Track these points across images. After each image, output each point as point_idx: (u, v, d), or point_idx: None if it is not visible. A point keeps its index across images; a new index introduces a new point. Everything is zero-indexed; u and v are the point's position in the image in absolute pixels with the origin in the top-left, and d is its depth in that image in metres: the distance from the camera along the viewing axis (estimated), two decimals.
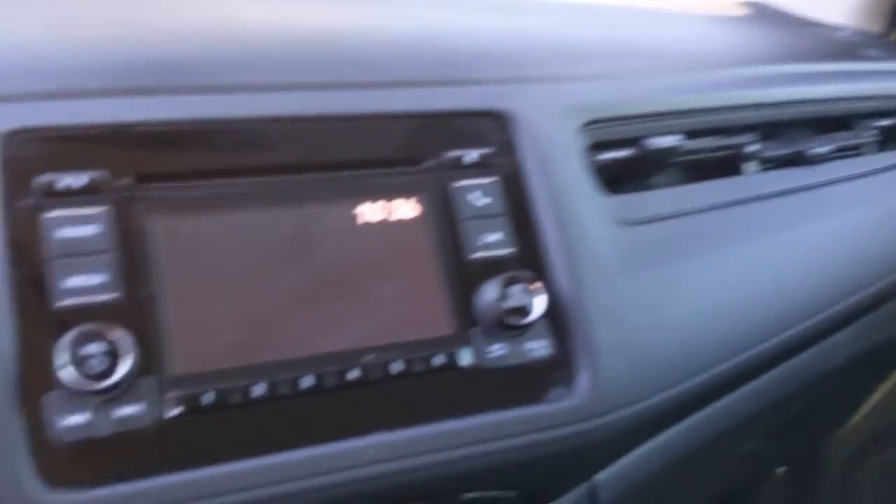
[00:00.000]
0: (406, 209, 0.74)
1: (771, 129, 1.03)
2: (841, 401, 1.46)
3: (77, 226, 0.64)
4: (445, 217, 0.74)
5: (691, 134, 0.94)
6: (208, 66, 0.73)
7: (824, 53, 1.17)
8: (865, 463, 1.61)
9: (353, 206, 0.72)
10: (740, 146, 0.99)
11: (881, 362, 1.33)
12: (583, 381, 0.74)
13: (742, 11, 1.33)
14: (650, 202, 0.87)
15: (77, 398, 0.61)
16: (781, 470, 1.72)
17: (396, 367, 0.69)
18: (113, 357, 0.60)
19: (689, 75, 0.98)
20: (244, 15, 0.86)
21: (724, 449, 1.10)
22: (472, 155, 0.76)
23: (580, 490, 0.86)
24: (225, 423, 0.64)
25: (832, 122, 1.08)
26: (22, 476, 0.58)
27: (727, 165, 1.00)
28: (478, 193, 0.76)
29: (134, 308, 0.64)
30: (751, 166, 1.00)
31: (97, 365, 0.60)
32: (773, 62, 1.09)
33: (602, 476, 0.87)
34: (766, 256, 0.92)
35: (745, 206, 0.93)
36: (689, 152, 0.93)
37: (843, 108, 1.08)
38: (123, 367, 0.60)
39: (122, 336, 0.61)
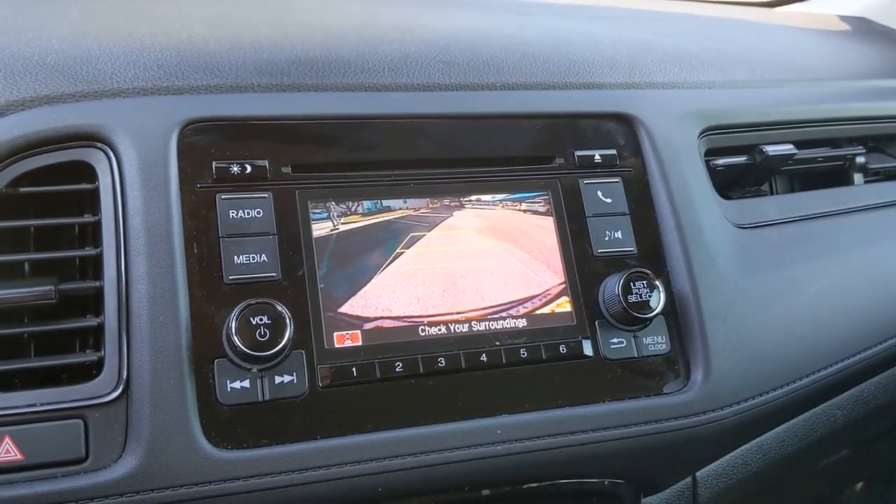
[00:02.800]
0: (538, 204, 0.78)
1: (877, 142, 1.05)
2: None
3: (245, 209, 0.70)
4: (574, 213, 0.78)
5: (802, 144, 0.96)
6: (358, 67, 0.79)
7: None
8: None
9: (489, 200, 0.77)
10: (848, 157, 1.01)
11: None
12: (697, 377, 0.78)
13: (845, 27, 1.34)
14: (765, 207, 0.90)
15: (240, 366, 0.66)
16: (859, 485, 1.72)
17: (523, 352, 0.74)
18: (274, 329, 0.66)
19: (801, 87, 1.01)
20: (381, 19, 0.91)
21: (816, 456, 1.12)
22: (600, 154, 0.80)
23: (682, 485, 0.89)
24: (368, 395, 0.70)
25: None
26: (190, 434, 0.64)
27: (833, 175, 1.02)
28: (605, 191, 0.80)
29: (290, 286, 0.69)
30: (857, 177, 1.02)
31: (262, 336, 0.65)
32: (881, 76, 1.10)
33: (703, 472, 0.90)
34: (872, 264, 0.94)
35: (853, 214, 0.96)
36: (801, 161, 0.96)
37: None
38: (283, 339, 0.66)
39: (282, 311, 0.66)
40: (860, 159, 1.01)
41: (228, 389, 0.66)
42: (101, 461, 0.63)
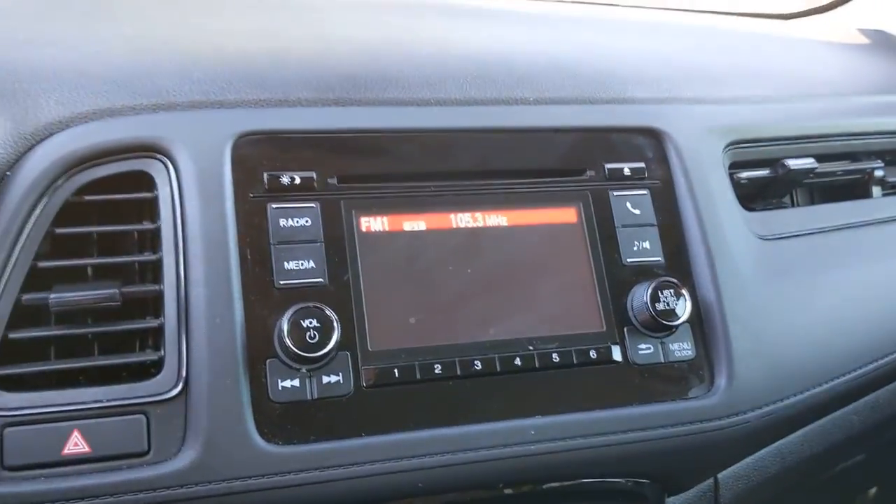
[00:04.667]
0: (570, 214, 0.82)
1: (894, 156, 1.08)
2: None
3: (294, 217, 0.74)
4: (604, 223, 0.82)
5: (822, 157, 1.00)
6: (398, 82, 0.83)
7: None
8: None
9: (523, 210, 0.81)
10: (867, 171, 1.04)
11: None
12: (721, 382, 0.81)
13: (865, 39, 1.36)
14: (786, 219, 0.94)
15: (290, 366, 0.71)
16: (873, 491, 1.74)
17: (555, 357, 0.77)
18: (323, 332, 0.70)
19: (822, 101, 1.04)
20: (419, 33, 0.95)
21: (834, 460, 1.15)
22: (630, 167, 0.84)
23: (704, 486, 0.92)
24: (409, 396, 0.73)
25: None
26: (245, 430, 0.68)
27: (853, 188, 1.05)
28: (634, 203, 0.84)
29: (337, 291, 0.74)
30: (876, 191, 1.05)
31: (311, 338, 0.69)
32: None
33: (724, 474, 0.93)
34: (889, 275, 0.97)
35: (873, 227, 0.99)
36: (821, 175, 0.99)
37: None
38: (331, 342, 0.70)
39: (330, 315, 0.70)
40: (879, 173, 1.04)
41: (280, 388, 0.70)
42: (162, 454, 0.67)
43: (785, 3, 1.58)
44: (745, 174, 0.94)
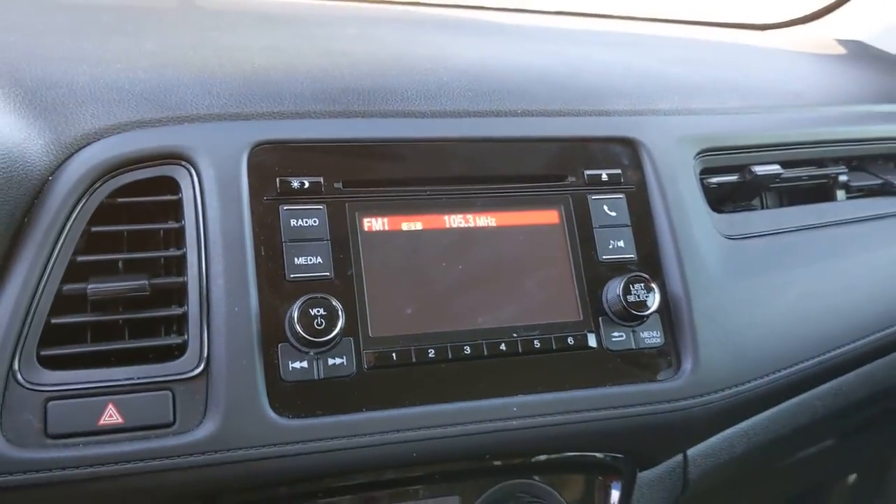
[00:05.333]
0: (552, 216, 0.91)
1: (860, 162, 1.17)
2: None
3: (303, 218, 0.83)
4: (583, 224, 0.91)
5: (789, 164, 1.08)
6: (398, 95, 0.91)
7: None
8: None
9: (510, 212, 0.90)
10: (832, 176, 1.13)
11: None
12: (687, 366, 0.90)
13: (841, 50, 1.45)
14: (752, 220, 1.03)
15: (300, 350, 0.79)
16: (853, 478, 1.82)
17: (536, 343, 0.86)
18: (329, 320, 0.78)
19: (790, 112, 1.13)
20: (417, 48, 1.04)
21: (801, 443, 1.24)
22: (607, 173, 0.93)
23: (674, 462, 1.01)
24: (405, 377, 0.82)
25: None
26: (259, 405, 0.77)
27: (818, 192, 1.14)
28: (610, 206, 0.92)
29: (341, 284, 0.82)
30: (840, 194, 1.14)
31: (318, 325, 0.78)
32: (866, 101, 1.22)
33: (693, 451, 1.02)
34: (850, 272, 1.06)
35: (834, 228, 1.08)
36: (787, 180, 1.08)
37: None
38: (336, 328, 0.78)
39: (336, 304, 0.79)
40: (843, 178, 1.13)
41: (290, 369, 0.79)
42: (185, 426, 0.76)
43: (769, 11, 1.66)
44: (714, 179, 1.03)
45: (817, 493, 1.83)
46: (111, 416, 0.75)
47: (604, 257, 0.91)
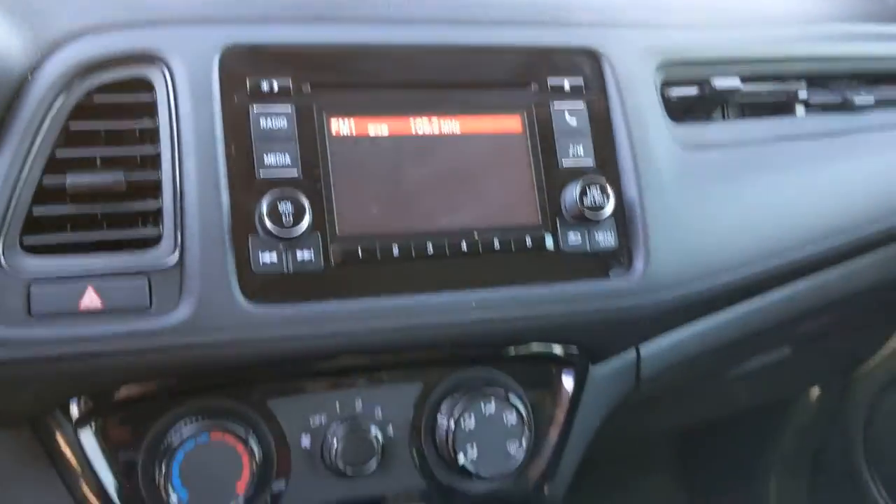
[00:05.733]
0: (515, 122, 0.94)
1: (821, 79, 1.20)
2: (869, 330, 1.63)
3: (272, 118, 0.87)
4: (545, 131, 0.95)
5: (750, 79, 1.11)
6: (369, 2, 0.94)
7: (873, 15, 1.31)
8: (888, 397, 1.77)
9: (474, 116, 0.93)
10: (792, 92, 1.16)
11: None
12: (639, 266, 0.95)
13: None
14: (710, 132, 1.07)
15: (270, 243, 0.84)
16: (816, 392, 1.90)
17: (496, 243, 0.91)
18: (296, 215, 0.83)
19: (754, 29, 1.15)
20: None
21: (753, 348, 1.30)
22: (570, 82, 0.96)
23: (627, 357, 1.07)
24: (371, 271, 0.87)
25: (879, 76, 1.23)
26: (230, 293, 0.82)
27: (779, 108, 1.18)
28: (571, 114, 0.96)
29: (309, 183, 0.86)
30: (800, 110, 1.17)
31: (287, 219, 0.83)
32: (830, 20, 1.25)
33: (646, 350, 1.08)
34: (802, 186, 1.10)
35: (791, 142, 1.12)
36: (747, 94, 1.11)
37: (889, 65, 1.23)
38: (304, 223, 0.83)
39: (303, 200, 0.83)
40: (802, 94, 1.16)
41: (261, 262, 0.83)
42: (161, 310, 0.81)
43: None
44: (675, 92, 1.06)
45: (781, 407, 1.92)
46: (91, 300, 0.79)
47: (564, 163, 0.95)
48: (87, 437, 0.85)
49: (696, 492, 2.10)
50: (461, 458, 0.93)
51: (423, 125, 0.92)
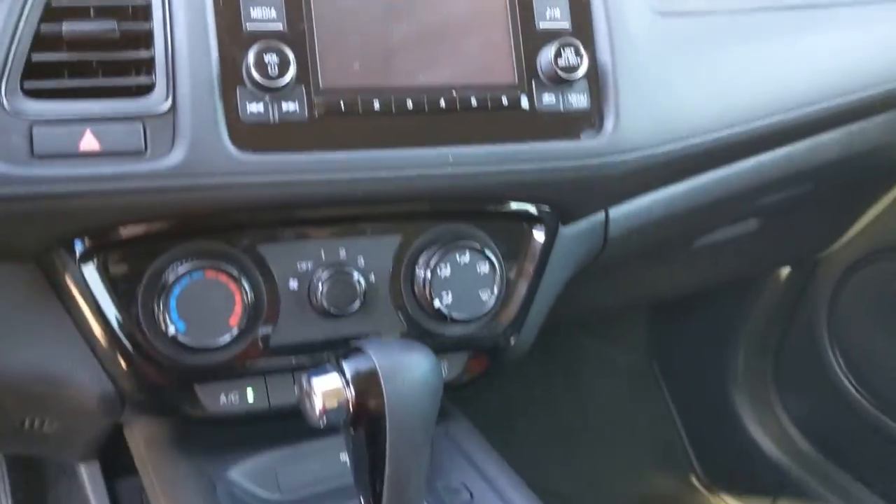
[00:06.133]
0: None
1: None
2: (835, 213, 1.70)
3: None
4: None
5: None
6: None
7: None
8: (852, 277, 1.85)
9: None
10: None
11: (871, 175, 1.55)
12: (608, 127, 1.00)
13: None
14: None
15: (256, 94, 0.88)
16: (786, 271, 1.99)
17: (473, 101, 0.95)
18: (282, 67, 0.87)
19: None
20: None
21: (719, 216, 1.37)
22: None
23: (596, 219, 1.14)
24: (352, 124, 0.92)
25: None
26: (220, 139, 0.87)
27: None
28: None
29: (294, 36, 0.90)
30: None
31: (272, 70, 0.87)
32: None
33: (615, 212, 1.14)
34: (774, 56, 1.14)
35: (764, 13, 1.15)
36: None
37: None
38: (289, 75, 0.87)
39: (288, 52, 0.87)
40: None
41: (248, 113, 0.88)
42: (156, 154, 0.86)
43: None
44: None
45: (751, 288, 2.00)
46: (90, 142, 0.84)
47: (541, 25, 0.99)
48: (91, 272, 0.92)
49: (665, 364, 2.22)
50: (437, 303, 1.01)
51: None
